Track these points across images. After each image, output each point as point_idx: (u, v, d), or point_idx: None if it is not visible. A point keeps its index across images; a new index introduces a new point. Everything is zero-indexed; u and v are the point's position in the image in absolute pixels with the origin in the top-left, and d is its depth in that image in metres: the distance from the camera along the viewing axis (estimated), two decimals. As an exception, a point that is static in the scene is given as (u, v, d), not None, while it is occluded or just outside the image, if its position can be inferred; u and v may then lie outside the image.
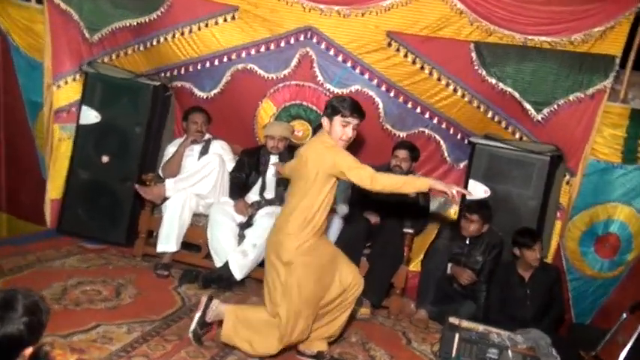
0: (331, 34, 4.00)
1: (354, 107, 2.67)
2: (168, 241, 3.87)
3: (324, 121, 2.71)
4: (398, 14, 3.89)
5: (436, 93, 4.00)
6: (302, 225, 2.65)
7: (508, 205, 3.83)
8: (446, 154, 4.22)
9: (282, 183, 3.83)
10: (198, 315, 2.80)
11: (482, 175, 3.88)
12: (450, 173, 4.23)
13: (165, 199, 3.95)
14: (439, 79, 3.94)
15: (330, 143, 2.65)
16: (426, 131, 4.16)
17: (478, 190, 3.77)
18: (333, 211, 3.59)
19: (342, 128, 2.66)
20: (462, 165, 4.21)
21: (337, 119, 2.66)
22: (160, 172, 4.16)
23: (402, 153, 3.94)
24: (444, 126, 4.13)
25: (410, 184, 2.66)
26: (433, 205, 4.19)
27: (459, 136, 4.16)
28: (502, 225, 3.77)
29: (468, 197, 3.52)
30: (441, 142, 4.19)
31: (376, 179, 2.56)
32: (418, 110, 4.09)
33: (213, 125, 4.27)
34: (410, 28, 3.90)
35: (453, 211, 4.21)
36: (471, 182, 3.86)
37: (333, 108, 2.67)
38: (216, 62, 4.20)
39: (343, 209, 3.84)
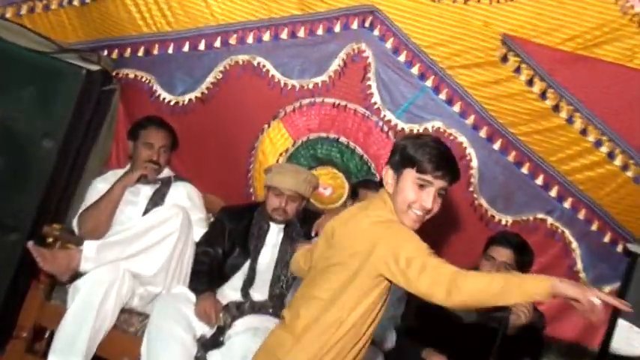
0: (406, 26, 3.48)
1: (443, 159, 2.27)
2: (69, 353, 3.24)
3: (388, 173, 2.33)
4: (525, 9, 3.35)
5: (576, 155, 3.49)
6: (320, 352, 2.24)
7: (683, 377, 3.26)
8: (579, 265, 3.68)
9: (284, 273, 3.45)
10: None
11: (645, 313, 3.36)
12: (582, 300, 3.54)
13: (77, 274, 3.33)
14: (584, 132, 3.41)
15: (386, 216, 2.27)
16: (549, 220, 3.63)
17: (634, 341, 3.28)
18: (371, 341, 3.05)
19: (415, 191, 2.26)
20: (607, 289, 3.65)
21: (409, 174, 2.27)
22: (75, 225, 3.65)
23: (504, 253, 3.35)
24: (581, 215, 3.60)
25: (514, 288, 2.12)
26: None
27: (606, 238, 3.62)
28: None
29: (615, 351, 3.19)
30: (573, 244, 3.66)
31: (457, 286, 2.10)
32: (539, 181, 3.56)
33: (180, 154, 3.87)
34: (544, 36, 3.34)
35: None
36: (622, 324, 3.29)
37: (405, 154, 2.29)
38: (202, 46, 3.75)
39: (390, 340, 3.43)
